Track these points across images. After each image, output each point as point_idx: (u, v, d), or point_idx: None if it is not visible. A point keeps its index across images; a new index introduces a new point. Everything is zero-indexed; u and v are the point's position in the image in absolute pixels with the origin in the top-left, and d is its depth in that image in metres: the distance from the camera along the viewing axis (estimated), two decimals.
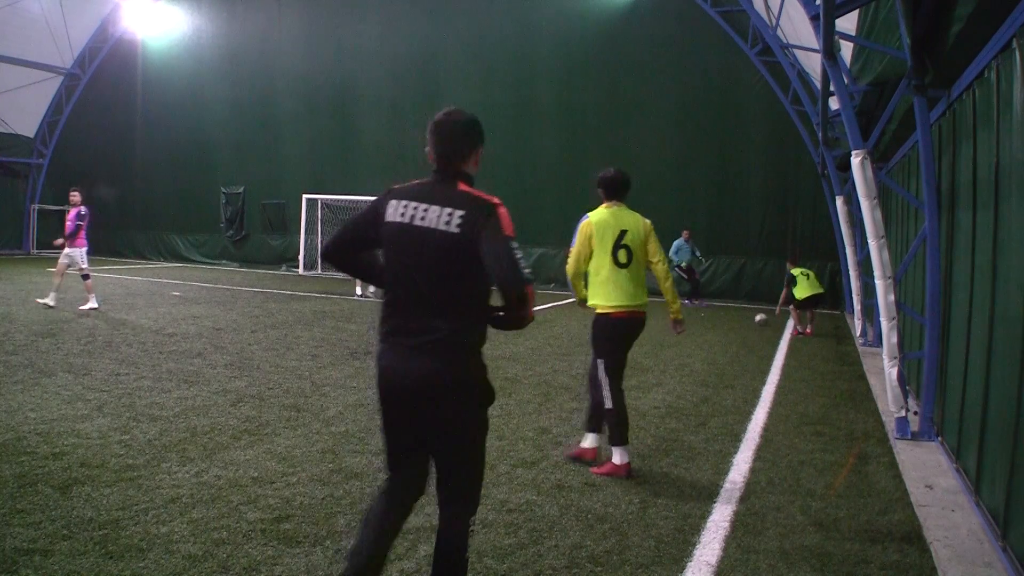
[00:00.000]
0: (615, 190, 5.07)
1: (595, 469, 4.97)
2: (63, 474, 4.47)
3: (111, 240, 26.04)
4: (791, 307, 12.32)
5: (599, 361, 4.97)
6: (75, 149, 26.14)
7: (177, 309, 12.52)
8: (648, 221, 5.12)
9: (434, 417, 2.66)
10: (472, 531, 2.76)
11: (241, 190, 23.77)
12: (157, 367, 7.73)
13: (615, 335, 4.97)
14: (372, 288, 15.82)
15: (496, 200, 2.65)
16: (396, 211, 2.70)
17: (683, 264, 16.56)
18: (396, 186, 2.82)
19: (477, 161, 2.79)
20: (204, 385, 7.02)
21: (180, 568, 3.38)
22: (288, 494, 4.35)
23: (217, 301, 13.99)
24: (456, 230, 2.59)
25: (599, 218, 5.01)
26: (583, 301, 5.16)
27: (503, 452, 5.33)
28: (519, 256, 2.57)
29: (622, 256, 4.92)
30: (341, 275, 20.76)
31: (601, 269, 4.94)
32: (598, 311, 5.00)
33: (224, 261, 23.97)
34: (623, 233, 4.95)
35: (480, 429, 2.76)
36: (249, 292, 15.99)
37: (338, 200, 21.21)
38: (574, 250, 5.03)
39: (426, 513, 4.12)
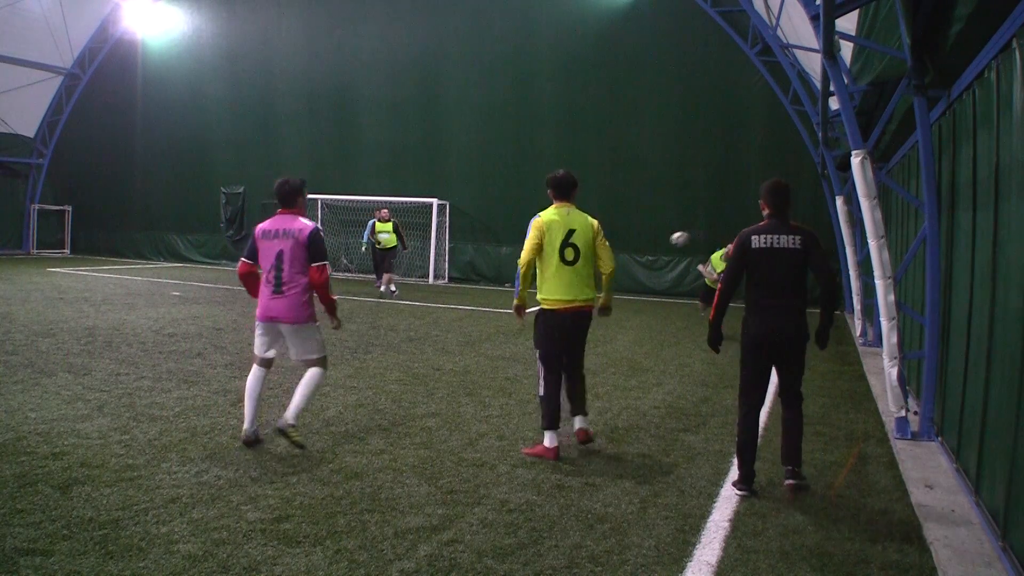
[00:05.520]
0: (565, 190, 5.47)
1: (526, 450, 5.38)
2: (63, 474, 4.47)
3: (111, 240, 26.02)
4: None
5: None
6: (75, 149, 26.10)
7: (177, 309, 12.52)
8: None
9: (792, 350, 4.69)
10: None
11: (241, 190, 23.75)
12: (157, 367, 7.73)
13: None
14: (383, 288, 16.00)
15: (814, 231, 4.72)
16: (759, 242, 4.64)
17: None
18: (749, 230, 4.71)
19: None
20: (204, 385, 7.03)
21: (180, 568, 3.38)
22: (288, 494, 4.35)
23: (217, 301, 13.98)
24: (799, 247, 4.60)
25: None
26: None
27: (503, 452, 5.33)
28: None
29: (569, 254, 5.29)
30: (340, 275, 20.84)
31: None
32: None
33: (224, 261, 23.92)
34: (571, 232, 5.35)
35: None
36: None
37: (338, 200, 21.17)
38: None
39: (425, 513, 4.13)
